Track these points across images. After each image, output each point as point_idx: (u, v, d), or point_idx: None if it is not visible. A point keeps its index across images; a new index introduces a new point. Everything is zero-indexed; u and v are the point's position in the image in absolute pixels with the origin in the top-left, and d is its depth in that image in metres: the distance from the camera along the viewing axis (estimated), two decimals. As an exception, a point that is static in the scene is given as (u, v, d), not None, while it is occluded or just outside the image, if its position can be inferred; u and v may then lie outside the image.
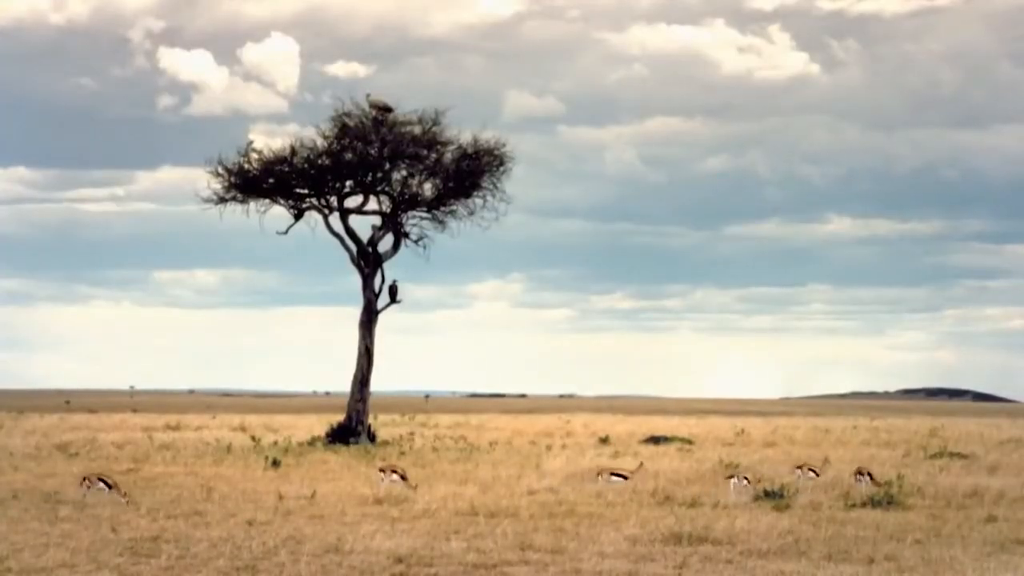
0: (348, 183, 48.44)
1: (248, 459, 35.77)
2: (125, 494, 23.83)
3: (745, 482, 26.39)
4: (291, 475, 30.41)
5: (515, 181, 50.23)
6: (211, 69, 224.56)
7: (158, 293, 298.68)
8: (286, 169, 47.83)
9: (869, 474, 27.74)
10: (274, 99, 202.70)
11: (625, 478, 27.00)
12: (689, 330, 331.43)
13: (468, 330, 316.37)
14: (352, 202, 48.57)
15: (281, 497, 24.75)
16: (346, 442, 45.32)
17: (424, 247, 48.92)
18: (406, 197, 48.51)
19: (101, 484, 24.10)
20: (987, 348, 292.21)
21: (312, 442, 45.84)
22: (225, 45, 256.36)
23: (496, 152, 48.49)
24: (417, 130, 48.08)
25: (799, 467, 29.46)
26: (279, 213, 48.58)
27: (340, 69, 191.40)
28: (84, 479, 24.59)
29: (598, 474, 27.53)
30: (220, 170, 47.79)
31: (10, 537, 19.08)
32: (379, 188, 48.49)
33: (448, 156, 48.46)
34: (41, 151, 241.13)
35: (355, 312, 48.47)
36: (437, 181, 48.57)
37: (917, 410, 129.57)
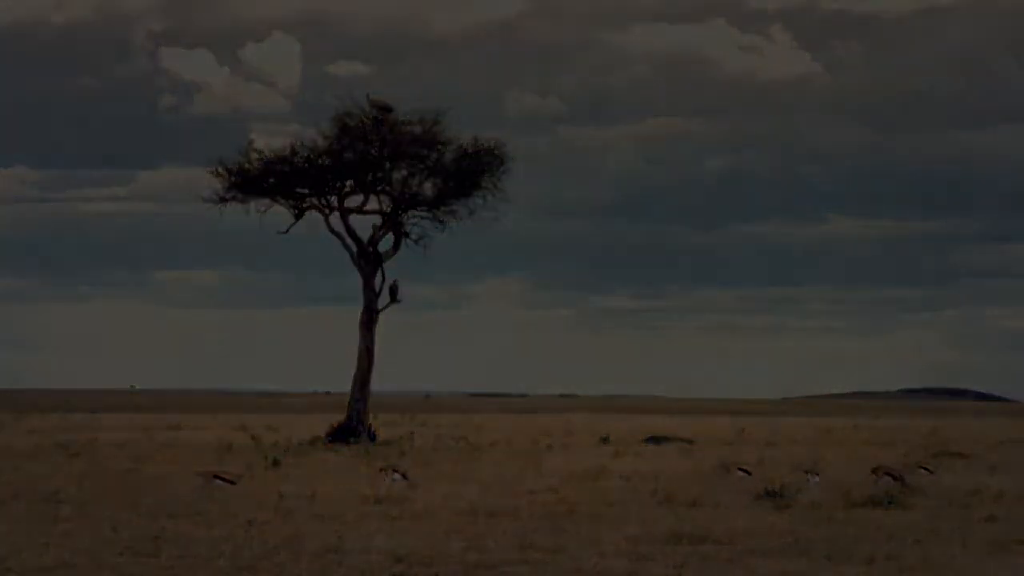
0: (348, 183, 48.47)
1: (248, 459, 35.76)
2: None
3: (816, 479, 26.91)
4: (291, 475, 30.40)
5: (515, 181, 50.18)
6: (212, 69, 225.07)
7: (158, 293, 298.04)
8: (287, 169, 47.88)
9: (888, 473, 27.73)
10: (275, 99, 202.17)
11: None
12: (689, 330, 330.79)
13: (468, 330, 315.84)
14: (352, 202, 48.61)
15: (281, 497, 24.75)
16: (346, 442, 45.30)
17: (424, 247, 49.01)
18: (406, 197, 48.53)
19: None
20: (987, 348, 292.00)
21: (312, 442, 45.83)
22: (226, 45, 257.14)
23: (496, 152, 48.56)
24: (417, 130, 48.15)
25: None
26: (280, 213, 48.67)
27: (341, 69, 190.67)
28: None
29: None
30: (220, 170, 47.86)
31: (10, 537, 19.06)
32: (379, 188, 48.51)
33: (448, 156, 48.52)
34: (42, 151, 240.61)
35: (355, 312, 48.49)
36: (437, 181, 48.61)
37: (917, 410, 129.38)
